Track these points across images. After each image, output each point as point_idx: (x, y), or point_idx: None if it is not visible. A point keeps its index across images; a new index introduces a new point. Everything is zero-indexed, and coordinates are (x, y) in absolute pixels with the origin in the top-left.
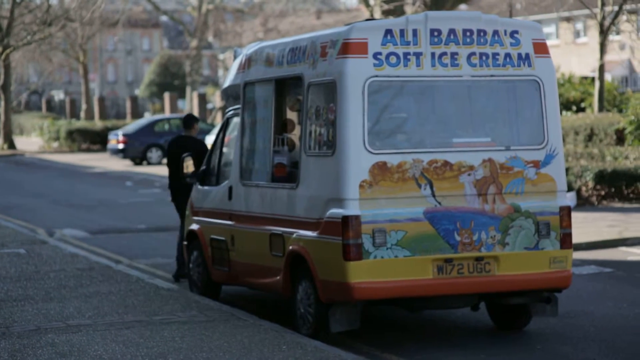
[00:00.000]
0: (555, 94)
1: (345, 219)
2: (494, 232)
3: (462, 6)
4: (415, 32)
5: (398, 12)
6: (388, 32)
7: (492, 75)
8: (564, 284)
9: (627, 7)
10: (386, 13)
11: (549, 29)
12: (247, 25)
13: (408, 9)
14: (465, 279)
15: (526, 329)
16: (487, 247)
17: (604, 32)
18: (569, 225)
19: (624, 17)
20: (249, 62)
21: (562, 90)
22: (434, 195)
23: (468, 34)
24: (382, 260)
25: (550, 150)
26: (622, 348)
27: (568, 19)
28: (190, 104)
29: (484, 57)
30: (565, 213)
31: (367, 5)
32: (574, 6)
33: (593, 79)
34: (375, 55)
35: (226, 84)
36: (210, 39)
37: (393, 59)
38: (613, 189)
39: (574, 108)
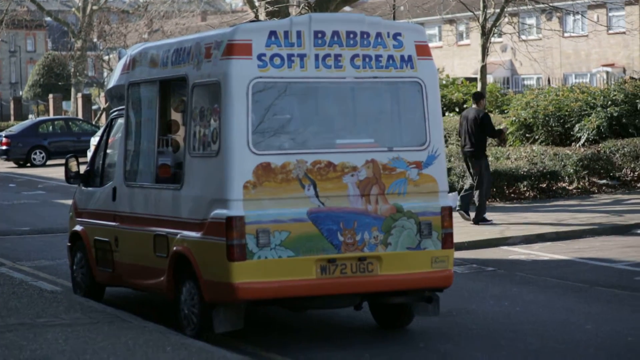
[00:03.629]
0: (437, 95)
1: (229, 219)
2: (376, 233)
3: (347, 8)
4: (299, 33)
5: (283, 13)
6: (272, 33)
7: (375, 77)
8: (446, 284)
9: (509, 9)
10: (271, 14)
11: (431, 31)
12: (131, 26)
13: (293, 10)
14: (349, 279)
15: (410, 328)
16: (370, 247)
17: (485, 34)
18: (450, 226)
19: (505, 19)
20: (133, 63)
21: (445, 91)
22: (317, 196)
23: (351, 36)
24: (265, 260)
25: (432, 151)
26: (504, 345)
27: (451, 21)
28: (75, 105)
29: (367, 59)
30: (446, 213)
31: (252, 6)
32: (457, 8)
33: (476, 80)
34: (260, 57)
35: (110, 84)
36: (95, 39)
37: (277, 61)
38: (495, 189)
39: (457, 109)
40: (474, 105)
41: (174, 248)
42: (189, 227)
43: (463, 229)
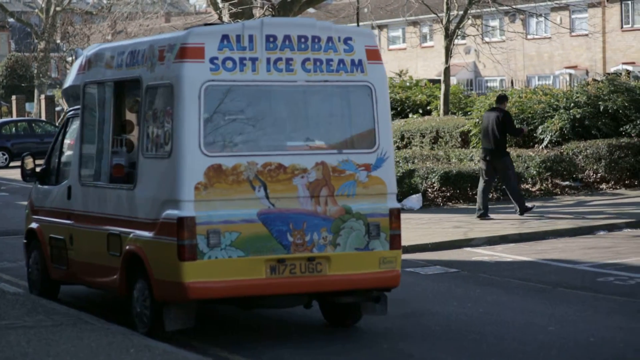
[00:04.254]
0: (386, 99)
1: (180, 220)
2: (325, 233)
3: (311, 10)
4: (251, 37)
5: (247, 15)
6: (225, 37)
7: (325, 81)
8: (393, 284)
9: (472, 11)
10: (234, 16)
11: (395, 33)
12: (95, 28)
13: (256, 12)
14: (298, 278)
15: (373, 329)
16: (319, 247)
17: (449, 36)
18: (399, 227)
19: (469, 22)
20: (89, 64)
21: (409, 93)
22: (267, 197)
23: (303, 40)
24: (216, 260)
25: (381, 154)
26: (466, 347)
27: (415, 23)
28: (38, 107)
29: (318, 63)
30: (394, 215)
31: (216, 8)
32: (420, 10)
33: (439, 82)
34: (212, 60)
35: (66, 84)
36: (59, 41)
37: (229, 64)
38: (458, 191)
39: (421, 111)
40: (496, 105)
41: (127, 247)
42: (142, 227)
43: (426, 230)
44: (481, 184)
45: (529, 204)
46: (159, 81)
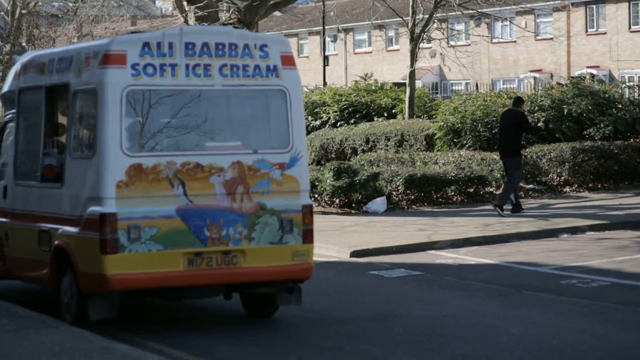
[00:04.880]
0: (300, 102)
1: (103, 216)
2: (241, 228)
3: (277, 13)
4: (171, 45)
5: (212, 18)
6: (146, 44)
7: (242, 85)
8: (306, 275)
9: (438, 15)
10: (200, 19)
11: (361, 37)
12: (61, 31)
13: (222, 15)
14: (214, 270)
15: (338, 330)
16: (234, 241)
17: (414, 40)
18: (311, 222)
19: (434, 25)
20: (24, 70)
21: (374, 96)
22: (186, 194)
23: (220, 47)
24: (136, 253)
25: (295, 153)
26: (430, 349)
27: (380, 27)
28: (2, 109)
29: (234, 69)
30: (307, 211)
31: (182, 11)
32: (386, 14)
33: (405, 85)
34: (134, 66)
35: (4, 89)
36: (24, 43)
37: (150, 70)
38: (422, 194)
39: (386, 114)
40: (513, 107)
41: (56, 242)
42: (69, 223)
43: (391, 233)
44: (507, 180)
45: (505, 210)
46: (85, 86)
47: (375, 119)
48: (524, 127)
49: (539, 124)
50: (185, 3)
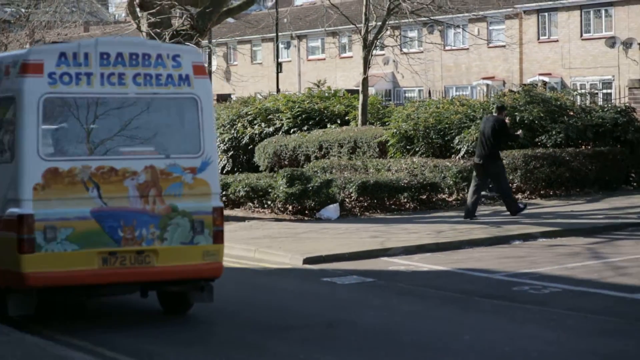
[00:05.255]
0: (211, 109)
1: (20, 217)
2: (153, 229)
3: (230, 20)
4: (86, 55)
5: (165, 24)
6: (62, 54)
7: (155, 93)
8: (216, 274)
9: (390, 22)
10: (153, 25)
11: (314, 44)
12: (13, 36)
13: (175, 22)
14: (128, 269)
15: (291, 336)
16: (147, 242)
17: (367, 47)
18: (221, 224)
19: (387, 32)
20: None
21: (327, 103)
22: (100, 197)
23: (134, 57)
24: (52, 253)
25: (206, 158)
26: (383, 356)
27: (334, 34)
28: None
29: (148, 78)
30: (217, 213)
31: (135, 17)
32: (339, 21)
33: (358, 92)
34: (50, 75)
35: None
36: None
37: (66, 78)
38: (375, 201)
39: (339, 121)
40: (495, 114)
41: None
42: None
43: (343, 240)
44: (472, 187)
45: (520, 204)
46: (5, 94)
47: (328, 125)
48: (502, 133)
49: (518, 132)
50: (137, 9)
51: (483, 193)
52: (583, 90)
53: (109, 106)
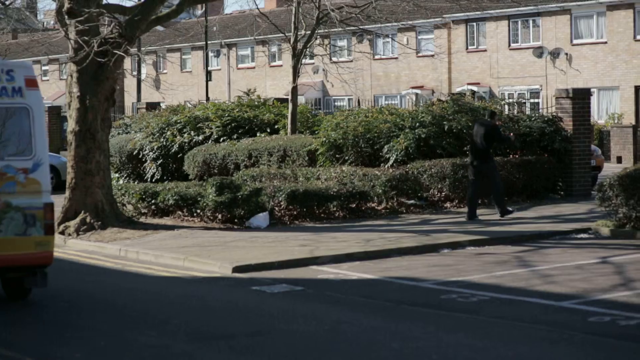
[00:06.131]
0: (42, 117)
1: None
2: None
3: (159, 28)
4: None
5: (93, 32)
6: None
7: None
8: (47, 262)
9: (320, 31)
10: (81, 33)
11: (244, 52)
12: None
13: (104, 29)
14: None
15: (221, 345)
16: None
17: (297, 56)
18: (52, 218)
19: (317, 41)
20: None
21: (257, 112)
22: None
23: None
24: None
25: (37, 160)
26: None
27: (263, 42)
28: None
29: None
30: (48, 208)
31: (63, 25)
32: (269, 30)
33: (288, 101)
34: None
35: None
36: None
37: None
38: (305, 209)
39: (269, 130)
40: (487, 119)
41: None
42: None
43: (273, 249)
44: (470, 191)
45: (509, 208)
46: None
47: (258, 134)
48: (495, 138)
49: (509, 135)
50: (66, 17)
51: (411, 202)
52: (511, 100)
53: None
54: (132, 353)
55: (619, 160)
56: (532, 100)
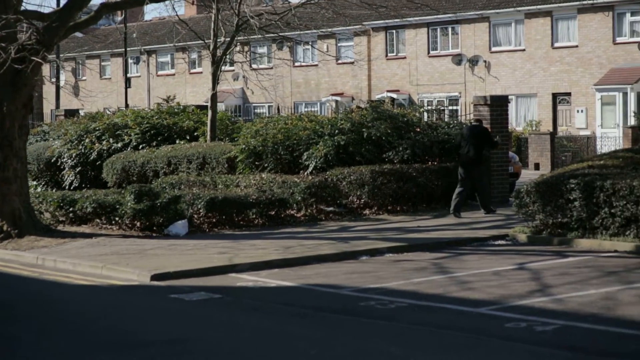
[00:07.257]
0: None
1: None
2: None
3: (78, 34)
4: None
5: (11, 39)
6: None
7: None
8: None
9: (239, 38)
10: None
11: (164, 59)
12: None
13: (22, 36)
14: None
15: (139, 354)
16: None
17: (216, 63)
18: None
19: (237, 48)
20: None
21: (177, 119)
22: None
23: None
24: None
25: None
26: None
27: (183, 49)
28: None
29: None
30: None
31: None
32: (189, 37)
33: (207, 108)
34: None
35: None
36: None
37: None
38: (224, 217)
39: (188, 137)
40: (475, 123)
41: None
42: None
43: (191, 256)
44: (458, 189)
45: (492, 208)
46: None
47: (177, 141)
48: (487, 141)
49: (495, 139)
50: None
51: (330, 209)
52: (430, 107)
53: None
54: None
55: (537, 167)
56: (451, 108)
